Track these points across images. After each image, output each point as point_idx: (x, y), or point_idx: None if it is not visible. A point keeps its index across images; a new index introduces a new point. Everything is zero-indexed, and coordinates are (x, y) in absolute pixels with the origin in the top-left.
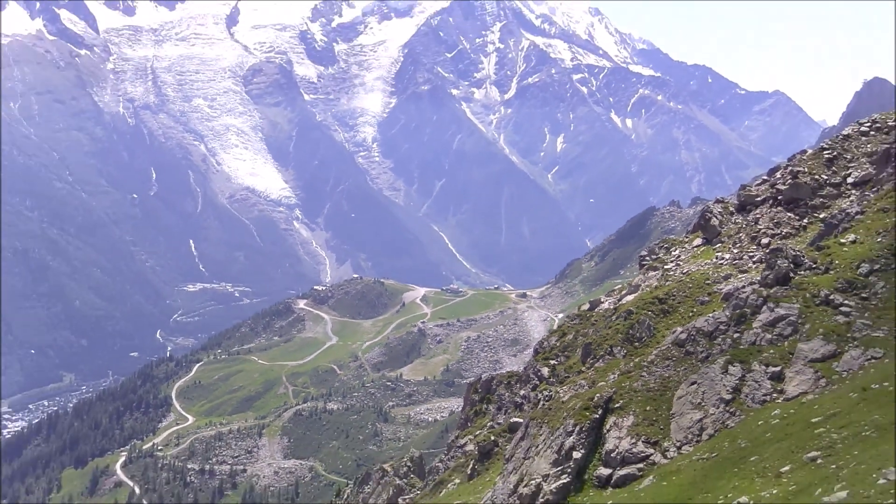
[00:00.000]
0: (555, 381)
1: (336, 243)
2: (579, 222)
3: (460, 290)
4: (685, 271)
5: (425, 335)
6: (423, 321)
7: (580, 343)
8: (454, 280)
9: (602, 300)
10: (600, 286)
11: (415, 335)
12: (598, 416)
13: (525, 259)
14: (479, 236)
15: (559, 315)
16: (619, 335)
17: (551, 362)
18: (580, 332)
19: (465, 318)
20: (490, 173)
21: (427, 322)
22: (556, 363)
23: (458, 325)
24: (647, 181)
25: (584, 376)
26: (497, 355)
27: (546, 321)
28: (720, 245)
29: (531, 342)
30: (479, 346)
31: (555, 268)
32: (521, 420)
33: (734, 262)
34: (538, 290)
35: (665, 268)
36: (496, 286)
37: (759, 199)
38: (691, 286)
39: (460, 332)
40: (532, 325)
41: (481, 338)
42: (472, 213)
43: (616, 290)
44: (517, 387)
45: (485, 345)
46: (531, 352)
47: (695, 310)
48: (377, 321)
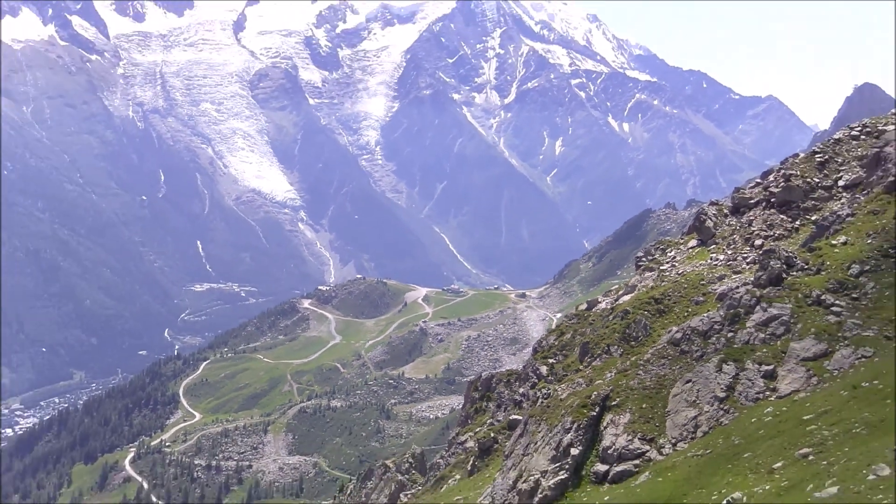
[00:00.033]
0: (553, 379)
1: (340, 244)
2: (577, 224)
3: (461, 291)
4: (680, 272)
5: (427, 334)
6: (424, 320)
7: (578, 342)
8: (455, 280)
9: (599, 300)
10: (598, 286)
11: (416, 334)
12: (595, 414)
13: (524, 260)
14: (479, 238)
15: (557, 315)
16: (615, 334)
17: (550, 361)
18: (578, 331)
19: (465, 318)
20: (490, 176)
21: (428, 321)
22: (554, 362)
23: (459, 325)
24: (644, 184)
25: (582, 375)
26: (497, 354)
27: (545, 321)
28: (715, 246)
29: (530, 341)
30: (479, 345)
31: (553, 268)
32: (521, 417)
33: (728, 263)
34: (537, 291)
35: (661, 269)
36: (496, 286)
37: (752, 201)
38: (686, 286)
39: (461, 331)
40: (531, 325)
41: (481, 337)
42: (473, 215)
43: (613, 291)
44: (516, 385)
45: (485, 344)
46: (530, 351)
47: (690, 310)
48: (380, 320)
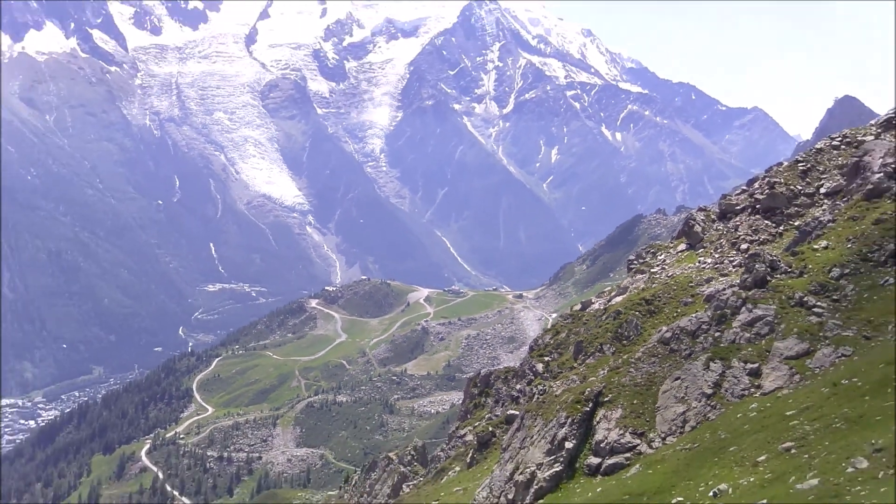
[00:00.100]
0: (548, 376)
1: (346, 247)
2: (572, 228)
3: (461, 292)
4: (670, 274)
5: (428, 333)
6: (426, 320)
7: (572, 341)
8: (455, 282)
9: (593, 301)
10: (591, 288)
11: (419, 333)
12: (588, 409)
13: (521, 262)
14: (478, 241)
15: (553, 315)
16: (608, 334)
17: (545, 359)
18: (572, 330)
19: (465, 318)
20: (489, 183)
21: (430, 321)
22: (549, 360)
23: (459, 324)
24: (635, 190)
25: (576, 372)
26: (495, 352)
27: (541, 320)
28: (703, 250)
29: (527, 340)
30: (478, 344)
31: (549, 271)
32: (517, 412)
33: (715, 266)
34: (533, 292)
35: (651, 271)
36: (494, 288)
37: (738, 207)
38: (676, 288)
39: (461, 330)
40: (528, 324)
41: (480, 336)
42: (473, 220)
43: (606, 292)
44: (513, 381)
45: (484, 342)
46: (527, 349)
47: (679, 310)
48: (384, 320)
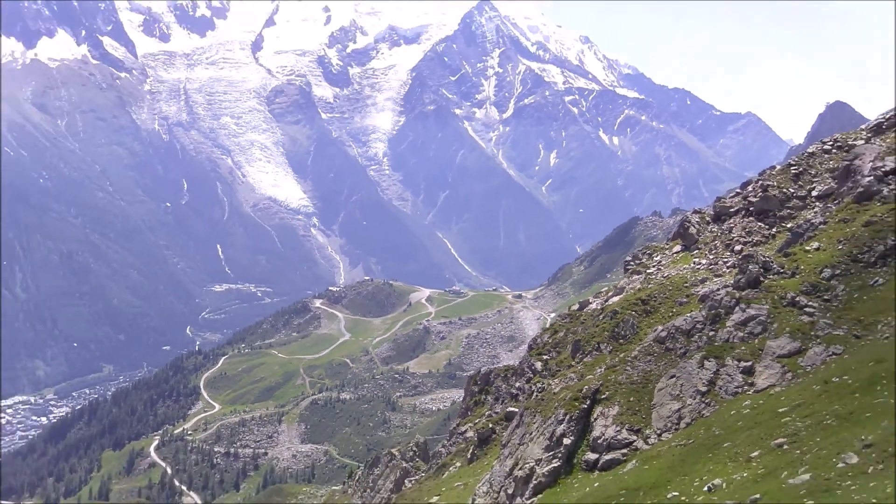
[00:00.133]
0: (547, 374)
1: (349, 248)
2: (570, 230)
3: (462, 292)
4: (666, 275)
5: (430, 332)
6: (427, 319)
7: (570, 340)
8: (456, 282)
9: (590, 301)
10: (589, 288)
11: (420, 332)
12: (586, 406)
13: (521, 263)
14: (479, 243)
15: (551, 314)
16: (605, 333)
17: (544, 357)
18: (570, 330)
19: (465, 317)
20: (489, 186)
21: (431, 320)
22: (548, 358)
23: (460, 323)
24: (632, 193)
25: (574, 370)
26: (495, 351)
27: (539, 320)
28: (697, 251)
29: (526, 339)
30: (478, 343)
31: (548, 271)
32: (517, 409)
33: (710, 267)
34: (532, 292)
35: (647, 272)
36: (494, 288)
37: (732, 210)
38: (671, 289)
39: (461, 329)
40: (527, 324)
41: (481, 335)
42: (473, 222)
43: (603, 292)
44: (513, 379)
45: (484, 341)
46: (526, 348)
47: (674, 310)
48: (386, 319)
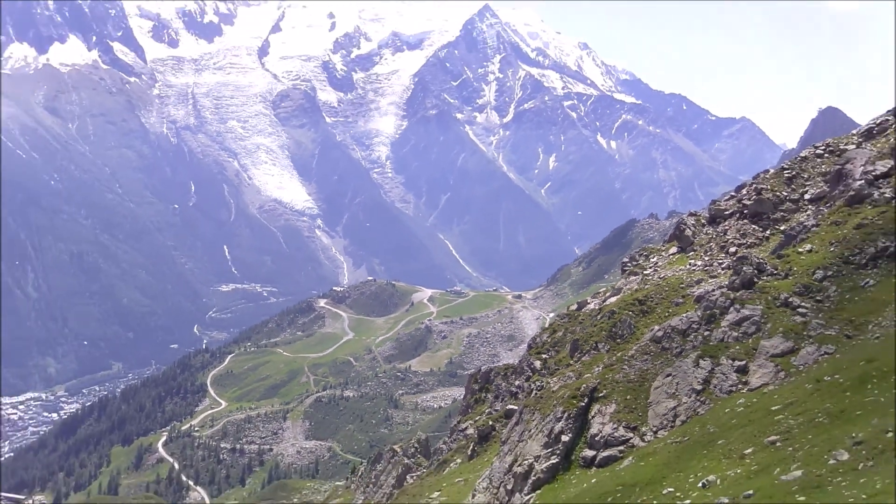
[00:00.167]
0: (546, 372)
1: (353, 249)
2: (569, 232)
3: (463, 292)
4: (662, 276)
5: (431, 331)
6: (429, 319)
7: (569, 339)
8: (457, 283)
9: (588, 301)
10: (587, 289)
11: (422, 331)
12: (584, 404)
13: (520, 264)
14: (479, 244)
15: (550, 314)
16: (603, 332)
17: (543, 356)
18: (569, 329)
19: (466, 317)
20: (490, 188)
21: (433, 320)
22: (547, 357)
23: (461, 323)
24: (629, 196)
25: (572, 369)
26: (495, 350)
27: (539, 320)
28: (693, 253)
29: (525, 338)
30: (479, 342)
31: (547, 272)
32: (516, 407)
33: (705, 269)
34: (532, 292)
35: (644, 273)
36: (494, 288)
37: (727, 212)
38: (667, 289)
39: (462, 328)
40: (526, 323)
41: (481, 334)
42: (474, 224)
43: (601, 293)
44: (512, 378)
45: (484, 340)
46: (525, 347)
47: (670, 310)
48: (389, 319)
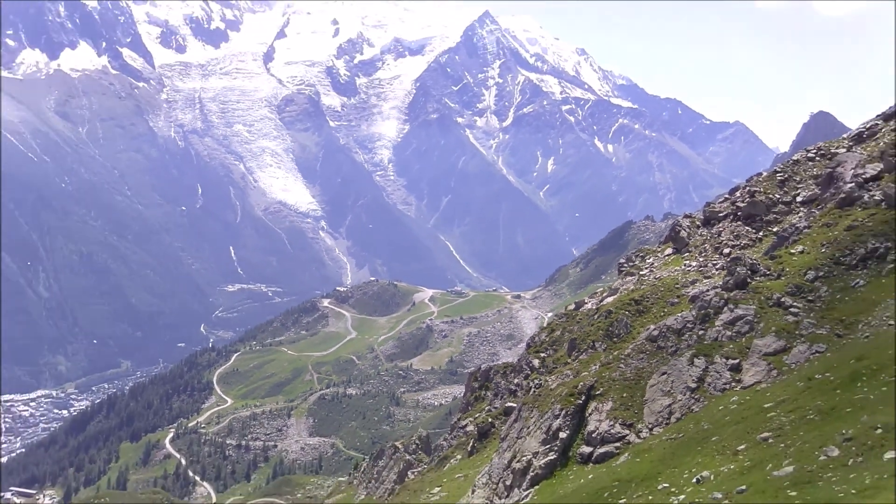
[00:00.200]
0: (544, 371)
1: (356, 250)
2: (567, 233)
3: (463, 292)
4: (658, 277)
5: (432, 330)
6: (430, 318)
7: (566, 338)
8: (458, 283)
9: (586, 301)
10: (584, 289)
11: (423, 330)
12: (581, 402)
13: (520, 265)
14: (479, 245)
15: (549, 314)
16: (600, 332)
17: (541, 355)
18: (567, 328)
19: (467, 316)
20: (490, 191)
21: (434, 319)
22: (545, 356)
23: (461, 322)
24: (626, 198)
25: (570, 367)
26: (494, 348)
27: (537, 319)
28: (688, 254)
29: (524, 337)
30: (479, 341)
31: (545, 273)
32: (515, 405)
33: (700, 269)
34: (531, 293)
35: (640, 273)
36: (494, 288)
37: (721, 214)
38: (663, 290)
39: (463, 328)
40: (525, 323)
41: (481, 333)
42: (474, 225)
43: (598, 293)
44: (511, 376)
45: (484, 339)
46: (524, 346)
47: (666, 310)
48: (391, 318)
